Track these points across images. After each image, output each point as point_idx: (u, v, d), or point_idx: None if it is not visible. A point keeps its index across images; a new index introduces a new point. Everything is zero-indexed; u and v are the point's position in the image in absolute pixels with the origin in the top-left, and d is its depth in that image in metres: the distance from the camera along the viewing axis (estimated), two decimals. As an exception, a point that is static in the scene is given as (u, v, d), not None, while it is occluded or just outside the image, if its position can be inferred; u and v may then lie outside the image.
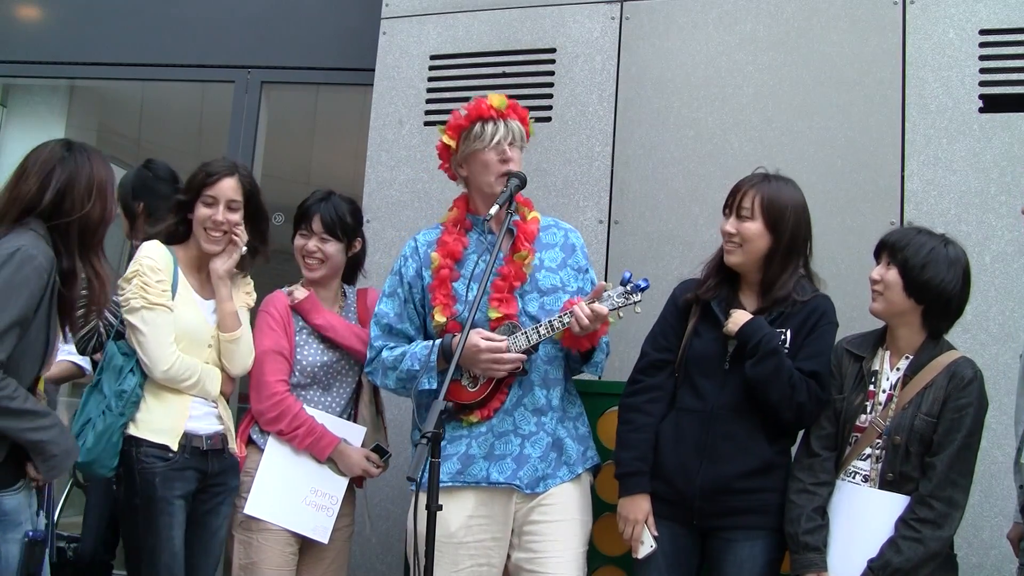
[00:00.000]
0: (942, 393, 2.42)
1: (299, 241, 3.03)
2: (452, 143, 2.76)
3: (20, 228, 2.39)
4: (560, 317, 2.59)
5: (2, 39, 4.95)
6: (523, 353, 2.60)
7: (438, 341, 2.63)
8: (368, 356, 2.81)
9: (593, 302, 2.57)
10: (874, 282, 2.55)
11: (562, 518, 2.66)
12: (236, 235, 2.86)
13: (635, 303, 2.61)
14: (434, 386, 2.64)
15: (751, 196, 2.64)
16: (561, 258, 2.79)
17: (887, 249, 2.55)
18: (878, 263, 2.57)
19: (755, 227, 2.62)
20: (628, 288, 2.59)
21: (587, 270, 2.83)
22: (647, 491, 2.64)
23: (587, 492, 2.78)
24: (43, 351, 2.41)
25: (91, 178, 2.47)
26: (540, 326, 2.60)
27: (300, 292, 3.01)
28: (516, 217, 2.75)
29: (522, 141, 2.76)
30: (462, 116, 2.74)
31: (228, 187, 2.86)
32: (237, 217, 2.88)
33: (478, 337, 2.56)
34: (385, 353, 2.74)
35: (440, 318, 2.68)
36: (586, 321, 2.54)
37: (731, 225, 2.66)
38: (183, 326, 2.77)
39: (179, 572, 2.74)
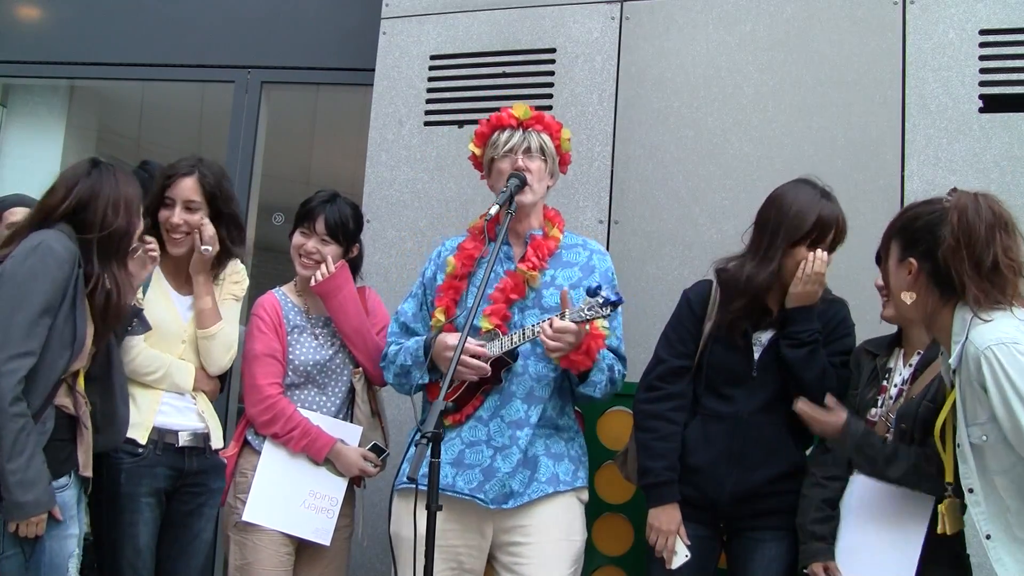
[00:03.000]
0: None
1: (298, 239, 3.01)
2: (478, 151, 2.77)
3: (43, 227, 2.49)
4: (534, 326, 2.53)
5: (2, 39, 4.95)
6: (498, 360, 2.57)
7: (425, 337, 2.66)
8: (384, 351, 2.85)
9: (563, 312, 2.48)
10: (880, 288, 2.55)
11: (545, 540, 2.59)
12: (199, 234, 2.86)
13: (603, 316, 2.45)
14: (425, 380, 2.67)
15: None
16: (577, 278, 2.71)
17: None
18: (881, 269, 2.57)
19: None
20: (599, 301, 2.42)
21: None
22: (678, 500, 2.60)
23: (575, 512, 2.68)
24: (71, 342, 2.43)
25: (116, 193, 2.54)
26: (515, 333, 2.57)
27: (325, 269, 2.95)
28: (537, 231, 2.73)
29: (543, 153, 2.71)
30: (486, 124, 2.75)
31: (186, 187, 2.85)
32: (196, 218, 2.86)
33: (451, 337, 2.56)
34: (391, 348, 2.79)
35: (440, 318, 2.69)
36: (549, 331, 2.46)
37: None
38: (152, 322, 2.79)
39: (144, 569, 2.74)
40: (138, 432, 2.73)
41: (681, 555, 2.58)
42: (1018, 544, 2.02)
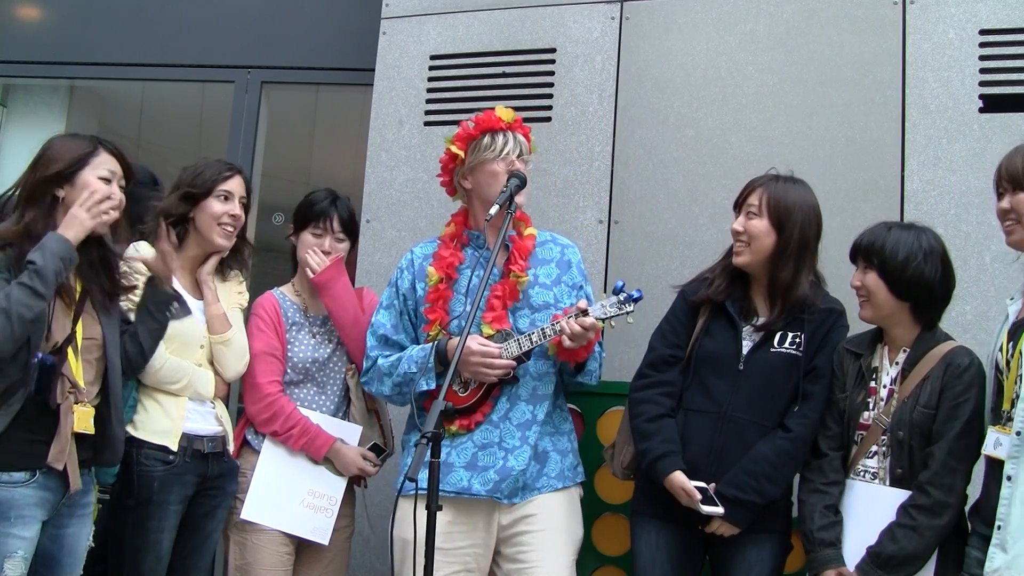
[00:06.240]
0: (939, 384, 2.41)
1: (311, 240, 3.02)
2: (461, 153, 2.77)
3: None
4: (552, 325, 2.59)
5: (2, 39, 4.95)
6: (514, 360, 2.61)
7: (434, 343, 2.65)
8: (364, 366, 2.84)
9: (578, 315, 2.56)
10: (857, 289, 2.54)
11: (548, 528, 2.65)
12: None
13: (627, 313, 2.58)
14: (432, 387, 2.65)
15: (758, 194, 2.65)
16: (556, 275, 2.79)
17: (861, 253, 2.54)
18: (855, 267, 2.56)
19: (761, 225, 2.62)
20: (621, 298, 2.58)
21: (582, 287, 2.83)
22: (682, 468, 2.55)
23: (575, 504, 2.77)
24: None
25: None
26: (532, 334, 2.61)
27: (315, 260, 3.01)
28: (512, 232, 2.77)
29: (527, 156, 2.80)
30: (471, 127, 2.76)
31: (239, 184, 2.93)
32: (242, 215, 2.94)
33: (473, 341, 2.58)
34: (381, 361, 2.77)
35: (434, 331, 2.70)
36: (577, 329, 2.54)
37: (739, 223, 2.67)
38: (173, 327, 2.77)
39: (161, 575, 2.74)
40: (169, 439, 2.73)
41: (711, 507, 2.48)
42: None
